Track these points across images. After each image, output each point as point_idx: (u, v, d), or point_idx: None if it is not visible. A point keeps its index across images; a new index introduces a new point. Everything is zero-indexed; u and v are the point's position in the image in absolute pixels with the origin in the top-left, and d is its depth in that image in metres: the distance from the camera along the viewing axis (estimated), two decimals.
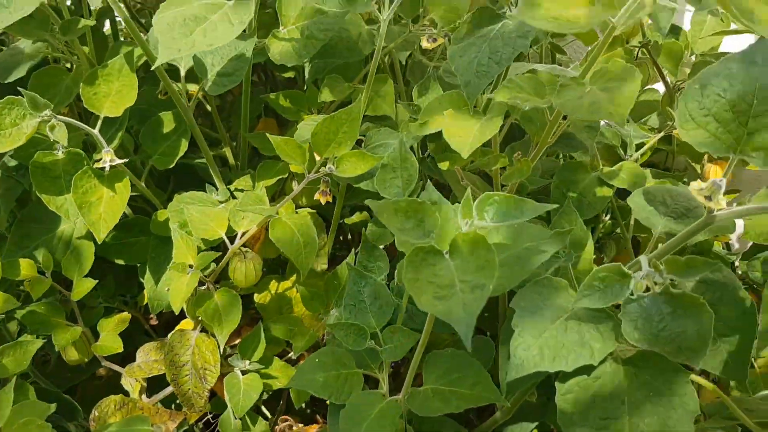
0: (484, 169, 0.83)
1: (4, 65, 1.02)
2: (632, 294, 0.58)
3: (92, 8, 0.95)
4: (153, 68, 0.75)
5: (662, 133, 1.07)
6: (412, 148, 0.89)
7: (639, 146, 1.06)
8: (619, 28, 0.62)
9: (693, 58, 1.13)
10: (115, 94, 0.86)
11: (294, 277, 1.01)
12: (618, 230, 1.10)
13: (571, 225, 0.75)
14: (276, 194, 1.04)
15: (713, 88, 0.55)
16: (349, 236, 1.28)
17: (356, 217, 1.14)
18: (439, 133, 0.79)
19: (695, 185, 0.56)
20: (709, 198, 0.55)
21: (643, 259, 0.62)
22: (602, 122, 0.99)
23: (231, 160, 1.14)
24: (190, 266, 0.87)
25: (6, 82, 1.00)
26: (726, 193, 0.57)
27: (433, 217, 0.62)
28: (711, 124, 0.55)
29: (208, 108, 1.13)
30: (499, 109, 0.74)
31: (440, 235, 0.60)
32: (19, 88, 0.79)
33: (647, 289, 0.59)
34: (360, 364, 0.82)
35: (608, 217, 1.11)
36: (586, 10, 0.60)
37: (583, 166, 0.97)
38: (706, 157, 1.15)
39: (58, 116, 0.80)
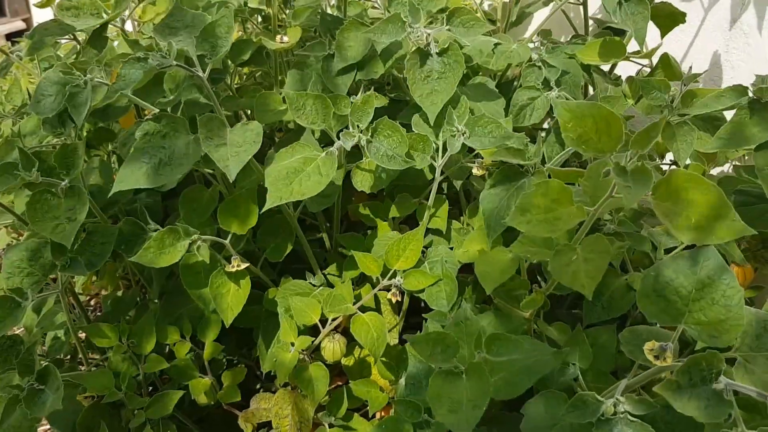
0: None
1: None
2: (603, 415, 0.80)
3: None
4: (265, 208, 1.01)
5: None
6: None
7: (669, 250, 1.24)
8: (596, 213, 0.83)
9: None
10: (242, 216, 1.15)
11: None
12: None
13: (579, 344, 0.97)
14: (359, 279, 1.31)
15: (664, 277, 0.76)
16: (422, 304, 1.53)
17: None
18: None
19: (648, 345, 0.77)
20: (656, 357, 0.76)
21: (621, 385, 0.84)
22: None
23: (327, 244, 1.42)
24: (292, 344, 1.15)
25: None
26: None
27: (455, 345, 0.87)
28: (661, 301, 0.76)
29: None
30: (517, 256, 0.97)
31: (460, 359, 0.85)
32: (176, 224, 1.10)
33: (615, 413, 0.81)
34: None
35: None
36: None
37: (614, 272, 1.17)
38: None
39: (203, 237, 1.10)
